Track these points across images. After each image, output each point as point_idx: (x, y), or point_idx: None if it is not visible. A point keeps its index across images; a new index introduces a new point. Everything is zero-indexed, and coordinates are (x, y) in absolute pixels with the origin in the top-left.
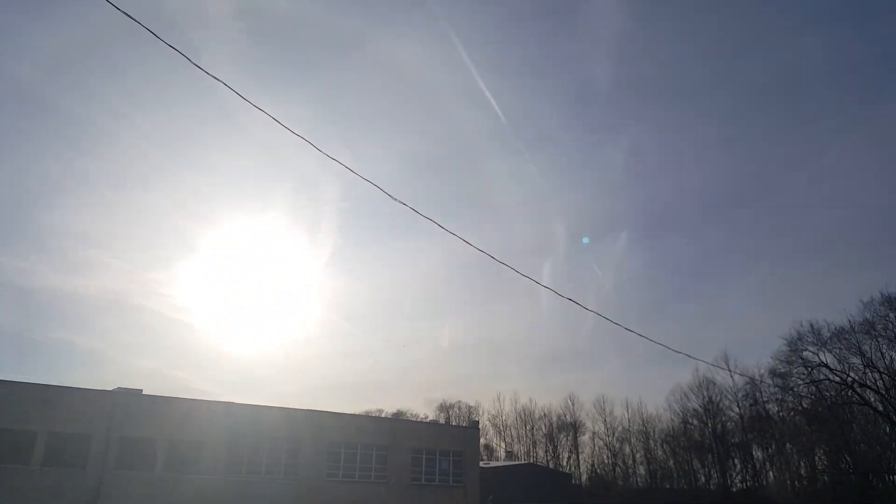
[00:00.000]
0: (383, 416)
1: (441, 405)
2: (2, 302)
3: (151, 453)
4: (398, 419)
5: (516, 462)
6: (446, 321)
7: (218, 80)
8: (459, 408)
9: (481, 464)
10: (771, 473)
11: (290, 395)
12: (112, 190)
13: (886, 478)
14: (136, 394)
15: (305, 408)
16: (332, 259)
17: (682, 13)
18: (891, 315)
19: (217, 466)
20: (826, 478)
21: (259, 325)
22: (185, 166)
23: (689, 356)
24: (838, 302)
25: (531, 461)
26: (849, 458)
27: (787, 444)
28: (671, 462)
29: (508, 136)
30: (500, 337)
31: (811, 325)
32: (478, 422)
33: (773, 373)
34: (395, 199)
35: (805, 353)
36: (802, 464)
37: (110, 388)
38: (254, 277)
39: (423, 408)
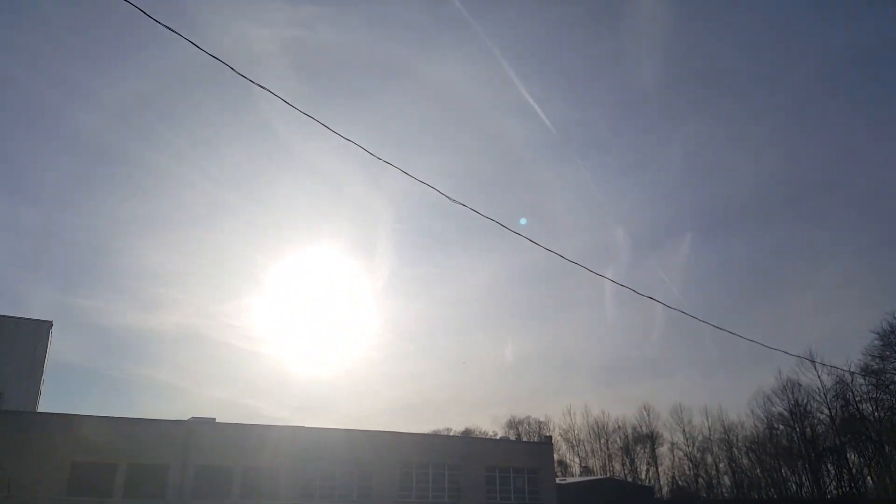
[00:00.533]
0: (452, 434)
1: (510, 421)
2: (83, 342)
3: (227, 482)
4: (468, 437)
5: (594, 477)
6: (508, 335)
7: (242, 76)
8: (529, 423)
9: (557, 480)
10: (869, 479)
11: (358, 418)
12: (179, 229)
13: None
14: (210, 423)
15: (375, 429)
16: (390, 280)
17: (728, 4)
18: None
19: (291, 492)
20: None
21: (325, 351)
22: (247, 201)
23: (785, 353)
24: None
25: (609, 475)
26: None
27: (886, 447)
28: (758, 470)
29: (559, 146)
30: (565, 349)
31: None
32: (551, 437)
33: (866, 370)
34: (455, 201)
35: None
36: None
37: (185, 419)
38: (317, 304)
39: (490, 425)
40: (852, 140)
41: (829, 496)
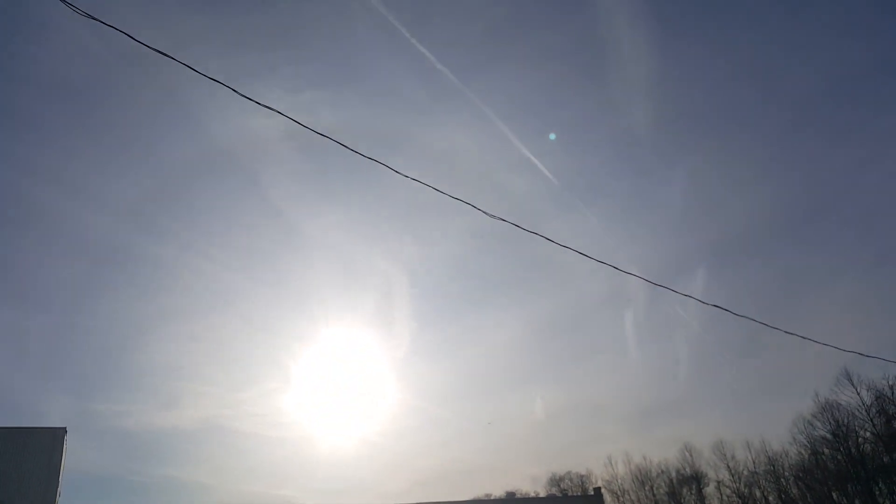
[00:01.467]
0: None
1: (551, 479)
2: (102, 447)
3: None
4: (513, 499)
5: None
6: (537, 390)
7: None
8: (571, 478)
9: None
10: None
11: (393, 494)
12: (192, 320)
13: None
14: None
15: (418, 501)
16: (411, 347)
17: (711, 38)
18: None
19: None
20: None
21: (352, 428)
22: (260, 284)
23: (860, 354)
24: None
25: None
26: None
27: None
28: (808, 498)
29: (562, 195)
30: (595, 397)
31: None
32: (600, 489)
33: None
34: (492, 216)
35: None
36: None
37: None
38: (341, 381)
39: (531, 485)
40: (844, 163)
41: None
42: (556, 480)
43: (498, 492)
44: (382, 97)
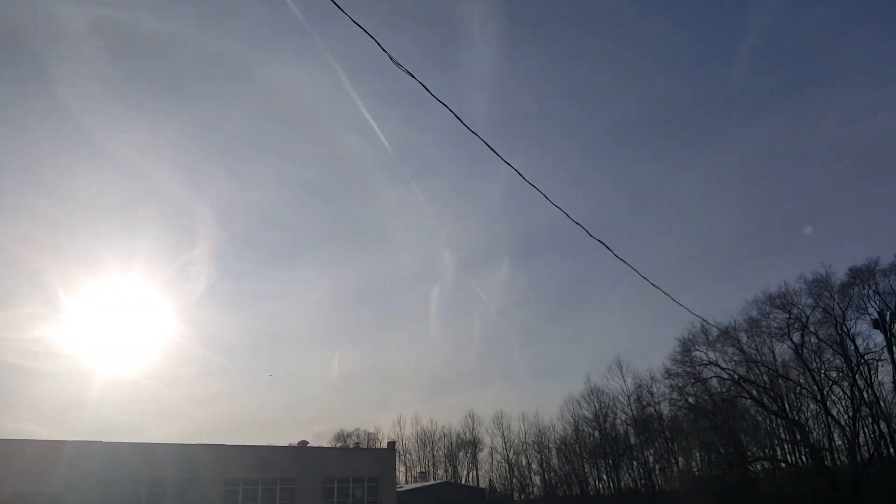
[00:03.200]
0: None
1: (338, 434)
2: None
3: None
4: (304, 447)
5: (431, 482)
6: (337, 352)
7: None
8: (358, 435)
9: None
10: (656, 471)
11: (164, 441)
12: None
13: (764, 465)
14: None
15: (195, 442)
16: (206, 292)
17: (548, 56)
18: (774, 312)
19: None
20: (707, 469)
21: (123, 368)
22: (34, 195)
23: (706, 320)
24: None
25: (445, 480)
26: (732, 449)
27: (675, 442)
28: (566, 467)
29: (395, 165)
30: (393, 364)
31: (702, 326)
32: (394, 442)
33: (668, 373)
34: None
35: (695, 353)
36: (686, 459)
37: None
38: (115, 314)
39: (315, 440)
40: (645, 179)
41: (623, 488)
42: (343, 437)
43: (282, 444)
44: (219, 15)
